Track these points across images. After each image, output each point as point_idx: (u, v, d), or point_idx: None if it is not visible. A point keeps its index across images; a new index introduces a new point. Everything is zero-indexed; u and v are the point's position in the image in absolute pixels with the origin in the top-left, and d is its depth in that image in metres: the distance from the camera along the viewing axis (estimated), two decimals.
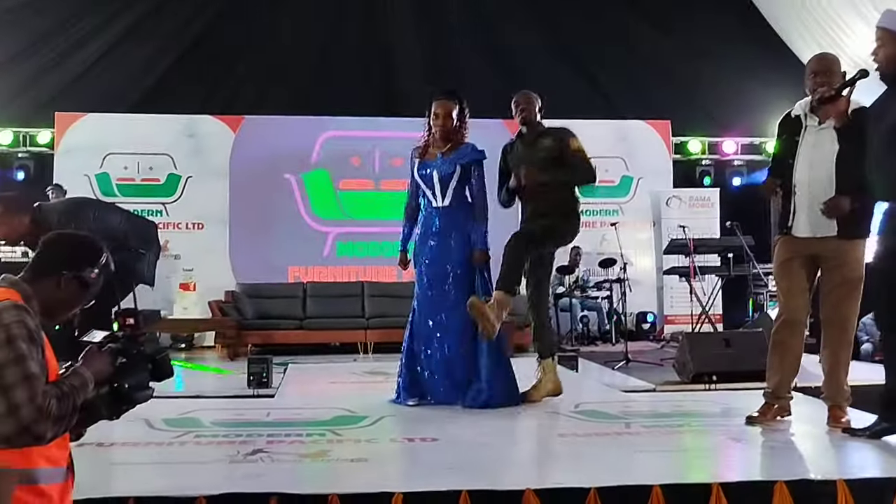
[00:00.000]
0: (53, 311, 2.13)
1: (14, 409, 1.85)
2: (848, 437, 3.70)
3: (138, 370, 2.15)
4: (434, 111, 4.76)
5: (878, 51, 3.48)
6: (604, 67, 10.71)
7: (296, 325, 8.98)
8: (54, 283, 2.12)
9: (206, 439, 3.83)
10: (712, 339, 6.40)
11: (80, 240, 2.27)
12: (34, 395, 1.87)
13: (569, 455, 3.65)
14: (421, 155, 4.86)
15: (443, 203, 4.76)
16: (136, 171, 10.00)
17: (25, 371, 1.88)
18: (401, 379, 4.81)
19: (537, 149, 4.79)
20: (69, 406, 1.94)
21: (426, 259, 4.80)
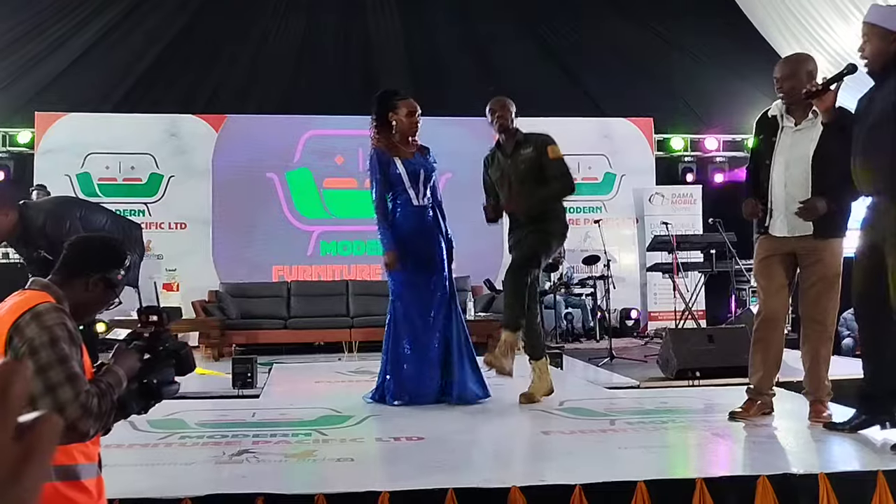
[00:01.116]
0: (81, 312, 2.20)
1: (60, 407, 1.93)
2: (829, 431, 3.75)
3: (164, 366, 2.24)
4: (409, 110, 4.75)
5: (864, 46, 3.48)
6: (586, 65, 10.75)
7: (280, 325, 8.95)
8: (83, 284, 2.19)
9: (192, 440, 3.82)
10: (695, 336, 6.44)
11: (107, 242, 2.36)
12: (78, 394, 1.96)
13: (554, 452, 3.67)
14: (396, 153, 4.78)
15: (423, 202, 4.78)
16: (117, 170, 9.93)
17: (69, 371, 1.97)
18: (384, 379, 4.79)
19: (518, 160, 4.74)
20: (109, 403, 2.03)
21: (406, 258, 4.76)
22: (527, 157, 4.71)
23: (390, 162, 4.76)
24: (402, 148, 4.79)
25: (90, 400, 1.97)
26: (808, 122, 3.90)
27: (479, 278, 9.81)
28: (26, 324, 2.00)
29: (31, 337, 1.99)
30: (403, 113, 4.73)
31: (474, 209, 9.51)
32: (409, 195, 4.76)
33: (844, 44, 8.88)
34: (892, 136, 3.34)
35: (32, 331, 1.99)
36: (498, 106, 4.79)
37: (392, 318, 4.85)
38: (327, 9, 10.50)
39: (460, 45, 10.72)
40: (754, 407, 4.10)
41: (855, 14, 8.60)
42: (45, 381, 1.95)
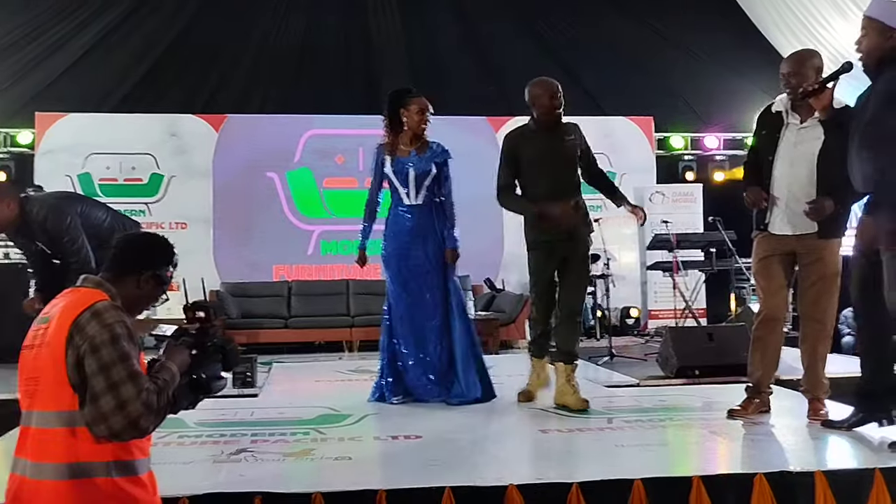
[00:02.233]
0: (133, 309, 2.24)
1: (123, 405, 1.99)
2: (826, 429, 3.76)
3: (212, 361, 2.28)
4: (419, 108, 4.74)
5: (861, 40, 3.46)
6: (586, 64, 10.73)
7: (281, 324, 8.97)
8: (134, 282, 2.24)
9: (190, 440, 3.83)
10: (695, 334, 6.43)
11: (156, 239, 2.40)
12: (140, 391, 2.01)
13: (552, 451, 3.67)
14: (391, 151, 4.81)
15: (416, 201, 4.76)
16: (118, 170, 9.94)
17: (130, 368, 2.02)
18: (384, 378, 4.82)
19: (565, 145, 4.57)
20: (165, 399, 2.08)
21: (400, 258, 4.77)
22: (572, 144, 4.61)
23: (384, 161, 4.81)
24: (401, 146, 4.79)
25: (150, 397, 2.02)
26: (813, 121, 3.87)
27: (480, 277, 9.80)
28: (87, 322, 2.05)
29: (92, 335, 2.03)
30: (414, 110, 4.74)
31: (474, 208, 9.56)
32: (401, 194, 4.78)
33: (843, 41, 8.86)
34: (883, 133, 3.34)
35: (93, 329, 2.04)
36: (555, 88, 4.53)
37: (387, 316, 4.88)
38: (328, 9, 10.50)
39: (460, 44, 10.72)
40: (752, 405, 4.11)
41: (854, 11, 8.59)
42: (108, 379, 2.00)
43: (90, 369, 2.01)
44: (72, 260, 5.12)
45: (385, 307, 4.91)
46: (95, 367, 2.01)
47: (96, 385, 2.00)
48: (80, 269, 4.80)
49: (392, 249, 4.81)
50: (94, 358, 2.01)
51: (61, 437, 2.03)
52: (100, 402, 2.00)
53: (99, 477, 2.04)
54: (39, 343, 2.10)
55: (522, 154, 4.59)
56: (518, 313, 8.88)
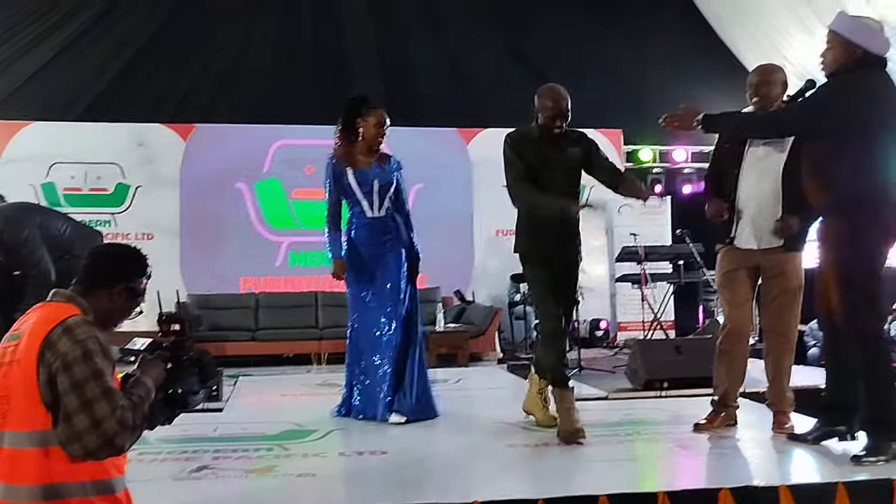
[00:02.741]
0: (106, 323, 2.19)
1: (98, 423, 1.94)
2: (791, 442, 3.78)
3: (188, 375, 2.24)
4: (378, 121, 4.65)
5: (826, 53, 3.50)
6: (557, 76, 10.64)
7: (248, 337, 8.88)
8: (107, 295, 2.19)
9: (151, 456, 3.75)
10: (663, 346, 6.47)
11: (128, 251, 2.35)
12: (115, 409, 1.96)
13: (518, 466, 3.65)
14: (350, 163, 4.68)
15: (378, 213, 4.67)
16: (83, 180, 9.78)
17: (104, 385, 1.97)
18: (349, 393, 4.75)
19: (570, 156, 4.27)
20: (141, 416, 2.04)
21: (362, 271, 4.67)
22: (576, 154, 4.29)
23: (343, 172, 4.68)
24: (359, 157, 4.69)
25: (126, 414, 1.97)
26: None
27: (449, 289, 9.79)
28: (58, 338, 2.00)
29: (64, 352, 1.98)
30: (372, 122, 4.65)
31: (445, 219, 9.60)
32: (363, 206, 4.67)
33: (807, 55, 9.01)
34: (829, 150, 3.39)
35: (65, 345, 1.99)
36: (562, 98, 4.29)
37: (349, 332, 4.80)
38: (298, 18, 10.45)
39: (433, 55, 10.71)
40: (718, 418, 4.12)
41: (819, 27, 8.73)
42: (81, 397, 1.95)
43: (63, 387, 1.97)
44: (31, 272, 5.03)
45: (349, 321, 4.83)
46: (68, 385, 1.97)
47: (69, 403, 1.96)
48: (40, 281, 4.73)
49: (354, 262, 4.69)
50: (66, 375, 1.97)
51: (34, 457, 1.98)
52: (73, 420, 1.95)
53: (75, 498, 1.99)
54: (10, 360, 2.04)
55: (525, 157, 4.24)
56: (488, 325, 8.88)
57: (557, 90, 4.35)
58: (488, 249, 10.39)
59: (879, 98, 3.37)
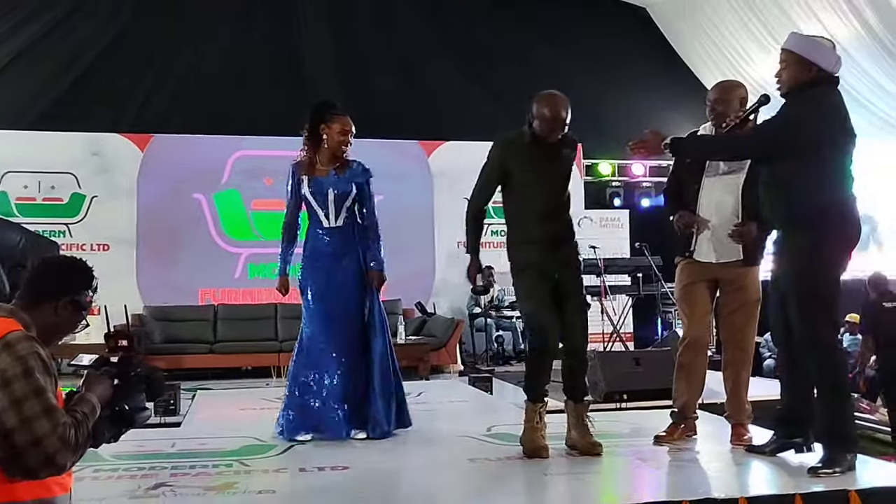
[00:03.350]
0: (50, 337, 2.13)
1: (38, 441, 1.88)
2: (750, 454, 3.82)
3: (136, 391, 2.19)
4: (342, 128, 4.47)
5: (781, 72, 3.55)
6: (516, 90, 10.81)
7: (206, 349, 8.76)
8: (51, 308, 2.12)
9: (106, 474, 3.67)
10: (622, 358, 6.53)
11: (73, 263, 2.28)
12: (56, 426, 1.90)
13: (480, 480, 3.63)
14: (308, 171, 4.52)
15: (335, 223, 4.49)
16: (36, 190, 9.60)
17: (45, 403, 1.91)
18: (289, 412, 4.45)
19: (562, 163, 4.15)
20: (85, 434, 1.98)
21: (318, 283, 4.49)
22: (568, 159, 4.18)
23: (301, 181, 4.52)
24: (319, 165, 4.52)
25: (67, 431, 1.92)
26: None
27: (410, 301, 9.77)
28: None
29: (4, 368, 1.92)
30: (336, 129, 4.47)
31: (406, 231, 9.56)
32: (319, 216, 4.50)
33: (764, 73, 9.20)
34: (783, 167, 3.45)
35: (4, 362, 1.93)
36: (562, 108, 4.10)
37: (299, 345, 4.58)
38: (257, 29, 10.42)
39: (391, 68, 10.74)
40: (678, 430, 4.15)
41: (773, 46, 8.92)
42: (20, 414, 1.89)
43: (2, 405, 1.91)
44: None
45: (299, 335, 4.61)
46: (7, 402, 1.91)
47: (8, 421, 1.90)
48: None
49: (310, 274, 4.52)
50: (5, 392, 1.91)
51: None
52: (13, 438, 1.89)
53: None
54: None
55: (513, 166, 4.06)
56: (449, 338, 8.87)
57: (556, 99, 4.09)
58: (449, 261, 10.40)
59: (837, 115, 3.45)
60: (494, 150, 4.14)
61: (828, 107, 3.44)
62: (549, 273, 3.99)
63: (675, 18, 10.81)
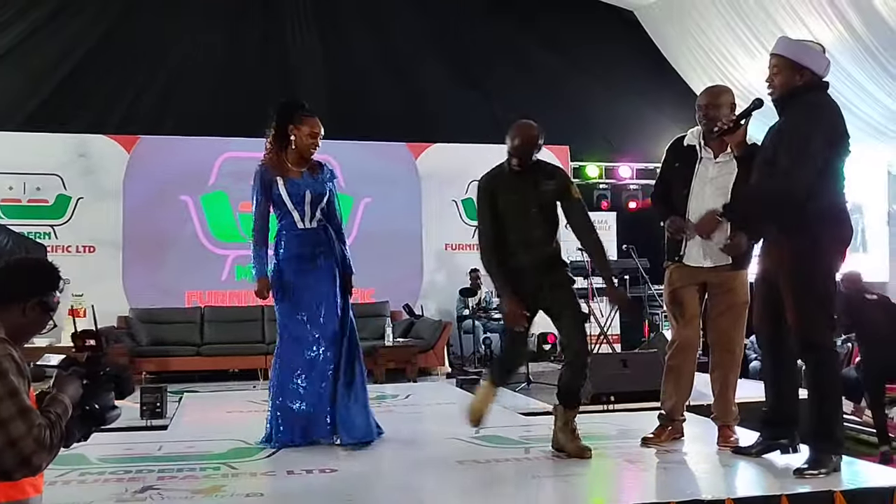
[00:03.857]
0: (19, 338, 2.12)
1: (13, 442, 1.89)
2: (736, 455, 3.84)
3: (105, 390, 2.19)
4: (311, 130, 4.36)
5: (772, 78, 3.55)
6: (504, 93, 10.89)
7: (193, 352, 8.72)
8: (19, 310, 2.12)
9: (93, 477, 3.65)
10: (610, 361, 6.54)
11: (39, 264, 2.28)
12: (31, 428, 1.91)
13: (467, 483, 3.63)
14: (281, 172, 4.41)
15: (309, 224, 4.41)
16: (21, 191, 9.52)
17: (20, 404, 1.92)
18: (274, 419, 4.39)
19: (543, 191, 4.11)
20: (59, 434, 1.99)
21: (294, 286, 4.40)
22: (551, 190, 4.13)
23: (273, 182, 4.41)
24: (290, 166, 4.43)
25: (42, 433, 1.92)
26: (726, 156, 3.99)
27: (398, 303, 9.77)
28: None
29: None
30: (306, 131, 4.36)
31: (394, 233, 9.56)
32: (294, 218, 4.40)
33: (751, 78, 9.27)
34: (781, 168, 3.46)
35: None
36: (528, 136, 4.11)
37: (278, 351, 4.48)
38: (245, 30, 10.39)
39: (379, 70, 10.72)
40: (665, 432, 4.17)
41: (760, 50, 9.00)
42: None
43: None
44: None
45: (277, 341, 4.50)
46: None
47: None
48: None
49: (284, 277, 4.42)
50: None
51: None
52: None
53: None
54: None
55: (496, 199, 4.11)
56: (437, 340, 8.87)
57: (522, 128, 4.13)
58: (437, 263, 10.41)
59: (842, 120, 3.46)
60: (478, 194, 4.18)
61: (836, 113, 3.45)
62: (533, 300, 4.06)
63: (662, 22, 10.87)
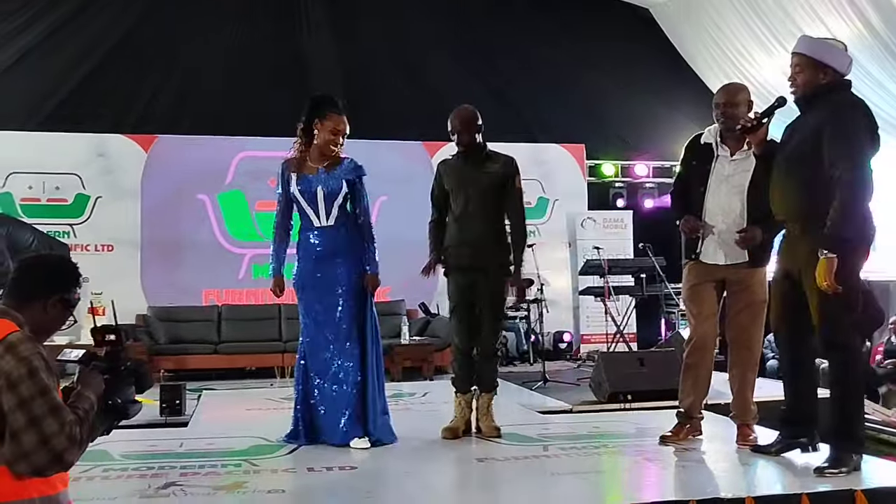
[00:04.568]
0: (40, 335, 2.15)
1: (46, 440, 1.91)
2: (755, 454, 3.84)
3: (125, 385, 2.22)
4: (335, 127, 4.29)
5: (795, 76, 3.54)
6: (520, 91, 10.89)
7: (210, 350, 8.76)
8: (41, 307, 2.15)
9: (116, 473, 3.70)
10: (627, 359, 6.52)
11: (59, 261, 2.32)
12: (63, 425, 1.94)
13: (488, 480, 3.66)
14: (297, 168, 4.37)
15: (326, 222, 4.33)
16: (41, 190, 9.60)
17: (52, 402, 1.95)
18: (297, 419, 4.40)
19: (482, 173, 4.47)
20: (88, 430, 2.02)
21: (312, 286, 4.35)
22: (493, 173, 4.49)
23: (290, 179, 4.37)
24: (308, 163, 4.36)
25: (74, 429, 1.95)
26: (743, 153, 3.99)
27: (414, 302, 9.79)
28: (1, 356, 1.96)
29: (9, 370, 1.95)
30: (329, 127, 4.28)
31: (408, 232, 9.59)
32: (309, 215, 4.35)
33: (767, 75, 9.22)
34: (806, 166, 3.45)
35: (9, 364, 1.95)
36: (464, 122, 4.51)
37: (301, 351, 4.46)
38: (261, 30, 10.42)
39: (394, 69, 10.75)
40: (684, 431, 4.18)
41: (776, 47, 8.95)
42: (29, 414, 1.92)
43: (8, 406, 1.94)
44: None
45: (300, 339, 4.49)
46: (14, 403, 1.93)
47: (16, 422, 1.93)
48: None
49: (303, 277, 4.38)
50: (12, 394, 1.94)
51: None
52: (21, 438, 1.92)
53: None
54: None
55: (446, 182, 4.58)
56: None
57: (463, 110, 4.59)
58: None
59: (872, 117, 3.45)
60: (435, 176, 4.70)
61: (870, 111, 3.43)
62: (472, 281, 4.45)
63: (678, 20, 10.82)
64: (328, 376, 4.32)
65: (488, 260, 4.44)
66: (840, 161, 3.32)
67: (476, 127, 4.56)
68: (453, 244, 4.52)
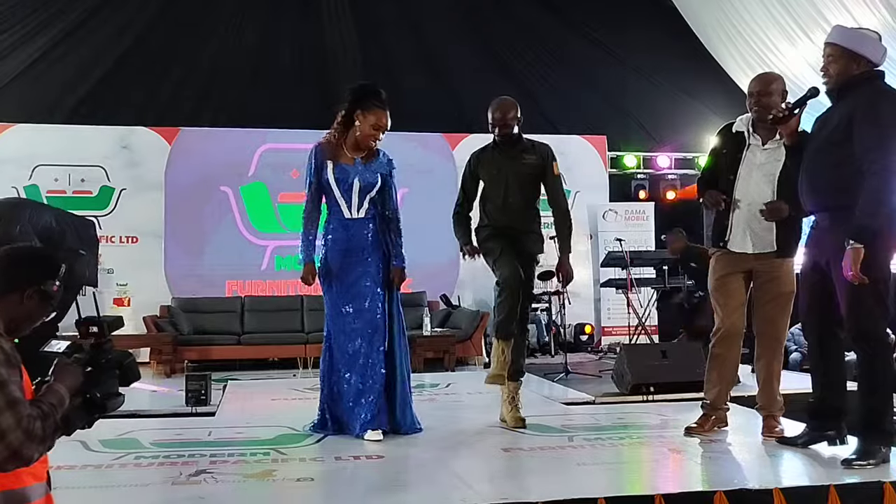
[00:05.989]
0: (17, 328, 2.09)
1: (2, 434, 1.84)
2: (781, 446, 3.83)
3: (108, 378, 2.14)
4: (377, 122, 4.24)
5: (828, 67, 3.52)
6: (542, 83, 10.87)
7: (234, 341, 8.85)
8: (18, 299, 2.07)
9: (147, 461, 3.75)
10: (649, 351, 6.52)
11: (38, 252, 2.25)
12: (20, 420, 1.86)
13: (514, 470, 3.68)
14: (333, 156, 4.31)
15: (357, 214, 4.31)
16: (66, 183, 9.72)
17: (8, 396, 1.87)
18: (323, 409, 4.42)
19: (521, 163, 4.56)
20: (52, 425, 1.94)
21: (339, 278, 4.32)
22: (531, 164, 4.60)
23: (324, 166, 4.30)
24: (345, 151, 4.31)
25: (32, 424, 1.87)
26: (774, 142, 3.98)
27: (436, 294, 9.82)
28: None
29: None
30: (371, 120, 4.23)
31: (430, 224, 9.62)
32: (341, 206, 4.31)
33: (791, 65, 9.14)
34: (836, 156, 3.43)
35: None
36: (504, 112, 4.54)
37: (326, 343, 4.44)
38: (282, 22, 10.46)
39: (415, 60, 10.76)
40: (709, 422, 4.17)
41: (801, 36, 8.86)
42: None
43: None
44: None
45: (325, 332, 4.47)
46: None
47: None
48: None
49: (330, 267, 4.35)
50: None
51: None
52: None
53: None
54: None
55: (482, 172, 4.68)
56: (474, 330, 8.90)
57: (502, 101, 4.62)
58: None
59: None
60: (466, 166, 4.78)
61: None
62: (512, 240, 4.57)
63: (700, 9, 10.73)
64: (355, 368, 4.30)
65: (532, 248, 4.66)
66: (870, 151, 3.31)
67: (516, 118, 4.60)
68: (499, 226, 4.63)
